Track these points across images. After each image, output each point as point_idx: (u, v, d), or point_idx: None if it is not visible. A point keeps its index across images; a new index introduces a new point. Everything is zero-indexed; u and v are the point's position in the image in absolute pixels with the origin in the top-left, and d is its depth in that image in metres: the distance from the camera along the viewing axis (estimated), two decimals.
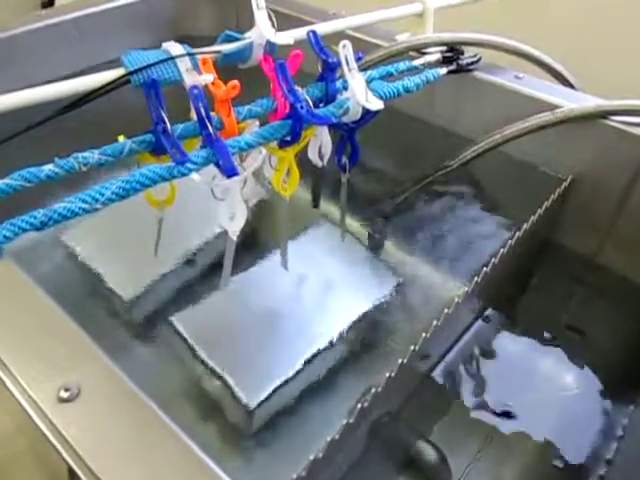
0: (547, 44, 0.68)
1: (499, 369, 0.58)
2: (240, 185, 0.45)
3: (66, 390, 0.30)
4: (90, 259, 0.61)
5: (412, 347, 0.40)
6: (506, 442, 0.52)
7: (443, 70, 0.59)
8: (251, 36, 0.52)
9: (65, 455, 0.27)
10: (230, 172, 0.42)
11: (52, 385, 0.30)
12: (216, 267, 0.56)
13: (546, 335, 0.61)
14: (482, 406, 0.54)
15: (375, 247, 0.65)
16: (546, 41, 0.69)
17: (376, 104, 0.48)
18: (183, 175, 0.42)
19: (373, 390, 0.37)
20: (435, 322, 0.41)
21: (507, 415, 0.54)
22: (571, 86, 0.69)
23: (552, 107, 0.59)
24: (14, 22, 0.73)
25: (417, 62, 0.59)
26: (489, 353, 0.59)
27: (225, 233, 0.47)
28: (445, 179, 0.65)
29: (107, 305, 0.57)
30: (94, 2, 0.79)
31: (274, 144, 0.49)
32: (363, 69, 0.54)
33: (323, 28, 0.57)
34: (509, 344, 0.60)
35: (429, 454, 0.49)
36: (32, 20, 0.74)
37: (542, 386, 0.57)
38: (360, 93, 0.48)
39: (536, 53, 0.65)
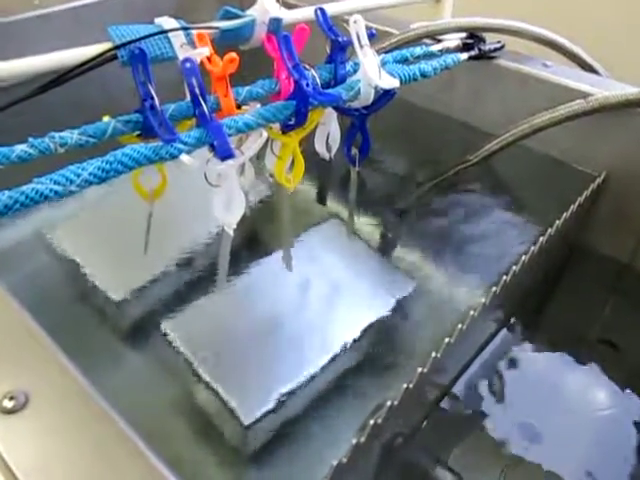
0: (572, 32, 0.64)
1: (525, 385, 0.53)
2: (237, 171, 0.41)
3: (10, 399, 0.24)
4: (76, 258, 0.57)
5: (433, 354, 0.35)
6: (532, 468, 0.47)
7: (464, 55, 0.54)
8: (253, 13, 0.48)
9: None
10: (225, 154, 0.38)
11: None
12: (212, 267, 0.53)
13: (576, 348, 0.56)
14: (506, 427, 0.50)
15: (387, 248, 0.61)
16: (571, 29, 0.65)
17: (390, 82, 0.43)
18: (172, 157, 0.38)
19: (388, 403, 0.32)
20: (460, 326, 0.36)
21: (534, 437, 0.49)
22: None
23: (584, 96, 0.54)
24: (8, 10, 0.70)
25: (435, 47, 0.55)
26: (514, 367, 0.55)
27: (222, 229, 0.43)
28: (465, 175, 0.61)
29: (92, 309, 0.54)
30: None
31: (277, 128, 0.45)
32: None
33: (333, 8, 0.53)
34: (536, 357, 0.56)
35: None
36: (27, 9, 0.71)
37: (572, 405, 0.53)
38: (372, 71, 0.43)
39: (562, 41, 0.61)
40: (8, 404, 0.25)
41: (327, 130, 0.50)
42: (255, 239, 0.62)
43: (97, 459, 0.23)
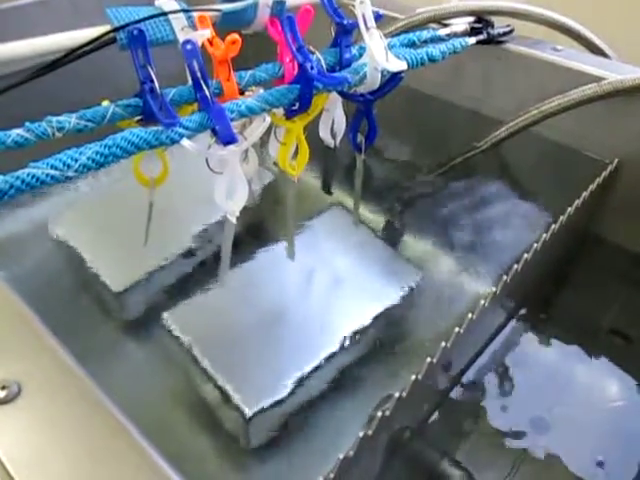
0: (584, 16, 0.62)
1: (535, 377, 0.52)
2: (240, 157, 0.40)
3: (2, 388, 0.23)
4: (77, 248, 0.56)
5: (443, 344, 0.34)
6: (541, 462, 0.47)
7: (472, 40, 0.53)
8: None
9: None
10: (227, 139, 0.37)
11: None
12: (215, 257, 0.52)
13: (588, 340, 0.55)
14: (515, 420, 0.49)
15: (393, 237, 0.60)
16: (580, 12, 0.63)
17: (398, 65, 0.42)
18: (173, 142, 0.37)
19: (397, 395, 0.31)
20: (470, 315, 0.35)
21: (544, 430, 0.49)
22: None
23: (597, 80, 0.53)
24: None
25: (442, 32, 0.53)
26: (523, 358, 0.54)
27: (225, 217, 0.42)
28: (473, 163, 0.60)
29: (92, 299, 0.53)
30: None
31: (280, 114, 0.43)
32: None
33: None
34: (546, 349, 0.55)
35: (455, 476, 0.44)
36: None
37: (583, 397, 0.52)
38: (379, 54, 0.42)
39: (572, 24, 0.59)
40: (0, 394, 0.24)
41: (332, 116, 0.49)
42: (259, 227, 0.61)
43: (92, 450, 0.22)
